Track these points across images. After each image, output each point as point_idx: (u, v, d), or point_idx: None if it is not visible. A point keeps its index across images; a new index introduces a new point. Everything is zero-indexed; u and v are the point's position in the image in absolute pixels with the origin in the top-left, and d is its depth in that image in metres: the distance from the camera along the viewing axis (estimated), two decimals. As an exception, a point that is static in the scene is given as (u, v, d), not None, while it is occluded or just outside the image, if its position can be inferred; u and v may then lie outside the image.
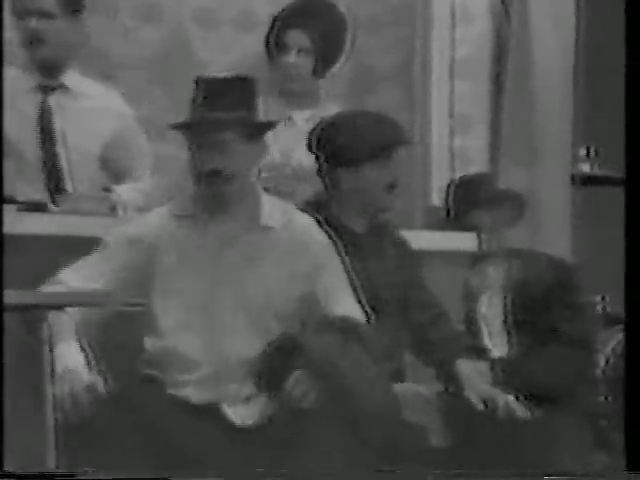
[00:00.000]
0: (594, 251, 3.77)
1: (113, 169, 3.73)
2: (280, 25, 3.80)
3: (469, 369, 3.36)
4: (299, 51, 3.77)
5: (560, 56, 3.70)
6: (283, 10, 3.84)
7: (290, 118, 3.88)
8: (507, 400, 3.35)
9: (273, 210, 3.16)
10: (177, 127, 3.10)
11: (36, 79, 3.69)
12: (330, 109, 3.69)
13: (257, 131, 3.11)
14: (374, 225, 3.43)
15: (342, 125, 3.32)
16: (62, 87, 3.69)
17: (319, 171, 3.32)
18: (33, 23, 3.64)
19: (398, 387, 3.30)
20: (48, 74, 3.69)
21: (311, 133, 3.34)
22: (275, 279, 3.08)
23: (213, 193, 3.08)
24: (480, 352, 3.51)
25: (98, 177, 3.70)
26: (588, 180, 3.88)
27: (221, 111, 3.06)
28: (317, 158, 3.31)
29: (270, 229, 3.13)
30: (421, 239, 3.57)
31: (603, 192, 3.83)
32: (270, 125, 3.20)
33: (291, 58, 3.76)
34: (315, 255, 3.13)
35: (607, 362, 3.71)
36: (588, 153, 3.96)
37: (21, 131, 3.64)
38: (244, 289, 3.07)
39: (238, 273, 3.08)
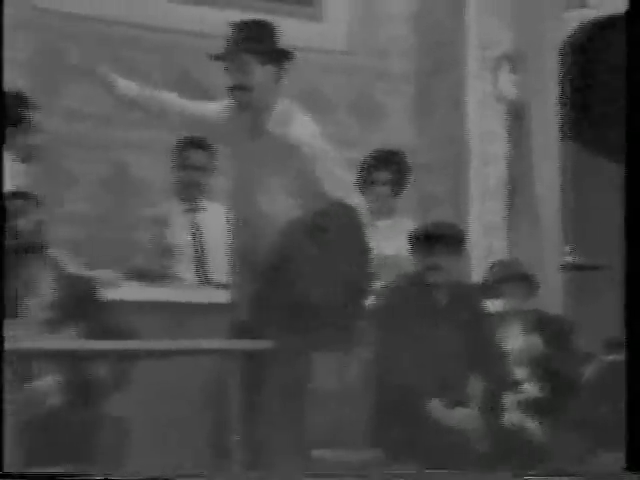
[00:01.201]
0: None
1: None
2: (368, 167, 5.41)
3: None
4: (383, 184, 5.43)
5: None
6: (370, 156, 5.44)
7: (376, 225, 5.40)
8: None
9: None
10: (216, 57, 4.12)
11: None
12: (403, 219, 5.33)
13: (270, 57, 4.09)
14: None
15: None
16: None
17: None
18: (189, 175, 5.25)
19: (461, 411, 4.41)
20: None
21: None
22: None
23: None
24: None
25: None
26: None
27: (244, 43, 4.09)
28: None
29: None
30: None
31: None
32: (283, 52, 4.19)
33: (380, 189, 5.42)
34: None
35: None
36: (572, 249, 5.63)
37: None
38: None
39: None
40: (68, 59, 6.02)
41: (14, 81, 5.41)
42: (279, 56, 4.26)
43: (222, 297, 4.47)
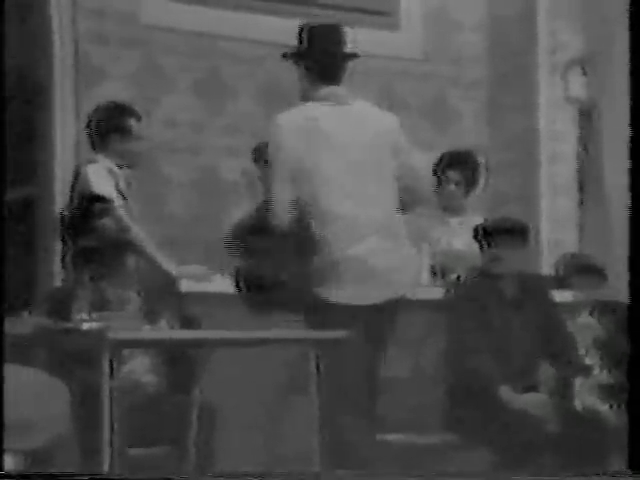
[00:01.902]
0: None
1: None
2: (442, 167, 5.66)
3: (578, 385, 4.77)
4: (455, 183, 5.68)
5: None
6: (442, 157, 5.69)
7: (447, 222, 5.74)
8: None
9: None
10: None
11: None
12: (474, 216, 5.59)
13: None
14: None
15: None
16: None
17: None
18: None
19: (530, 395, 4.59)
20: None
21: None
22: None
23: None
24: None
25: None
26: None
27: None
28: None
29: None
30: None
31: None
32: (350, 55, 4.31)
33: (451, 187, 5.67)
34: None
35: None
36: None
37: None
38: None
39: None
40: (168, 71, 6.39)
41: (120, 93, 5.91)
42: None
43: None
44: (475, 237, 4.97)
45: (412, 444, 4.77)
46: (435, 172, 5.69)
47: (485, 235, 4.91)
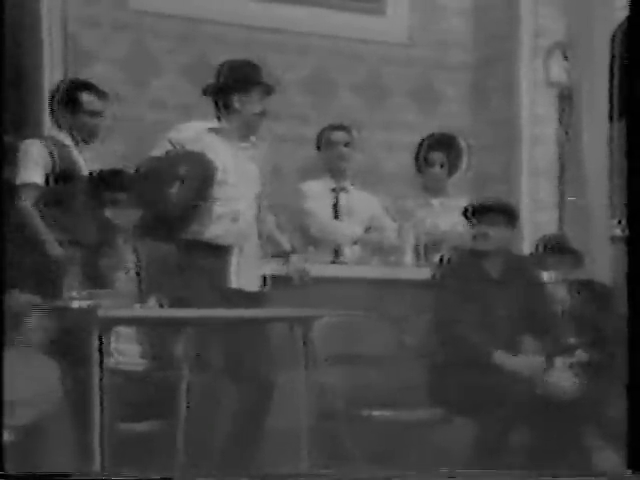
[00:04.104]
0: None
1: None
2: (425, 149, 5.75)
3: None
4: (438, 165, 5.77)
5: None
6: (424, 139, 5.78)
7: (430, 203, 5.83)
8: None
9: None
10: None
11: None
12: (457, 197, 5.69)
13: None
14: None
15: None
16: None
17: None
18: None
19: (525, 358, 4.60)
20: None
21: None
22: None
23: None
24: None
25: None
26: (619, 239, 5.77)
27: None
28: None
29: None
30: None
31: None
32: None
33: (434, 169, 5.77)
34: None
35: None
36: (619, 222, 5.91)
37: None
38: None
39: None
40: (157, 55, 6.46)
41: (110, 76, 5.98)
42: None
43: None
44: (464, 215, 5.04)
45: (396, 420, 4.82)
46: (418, 154, 5.78)
47: (474, 212, 5.01)
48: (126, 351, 4.39)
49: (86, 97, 4.99)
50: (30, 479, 3.36)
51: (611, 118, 6.12)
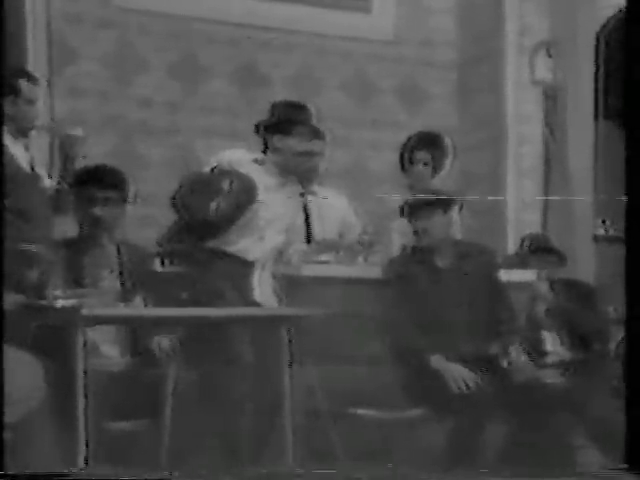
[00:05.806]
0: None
1: None
2: (410, 147, 5.72)
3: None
4: (423, 163, 5.73)
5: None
6: (410, 138, 5.75)
7: None
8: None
9: None
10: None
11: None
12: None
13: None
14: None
15: None
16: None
17: None
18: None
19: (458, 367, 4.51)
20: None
21: None
22: None
23: None
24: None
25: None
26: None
27: None
28: None
29: None
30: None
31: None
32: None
33: (419, 168, 5.71)
34: None
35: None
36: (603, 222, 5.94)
37: None
38: None
39: None
40: (142, 52, 6.46)
41: (95, 73, 6.00)
42: None
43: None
44: (400, 214, 5.05)
45: (382, 418, 4.80)
46: (403, 152, 5.74)
47: (409, 210, 5.00)
48: (106, 351, 4.38)
49: (24, 84, 4.67)
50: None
51: (596, 117, 6.12)
